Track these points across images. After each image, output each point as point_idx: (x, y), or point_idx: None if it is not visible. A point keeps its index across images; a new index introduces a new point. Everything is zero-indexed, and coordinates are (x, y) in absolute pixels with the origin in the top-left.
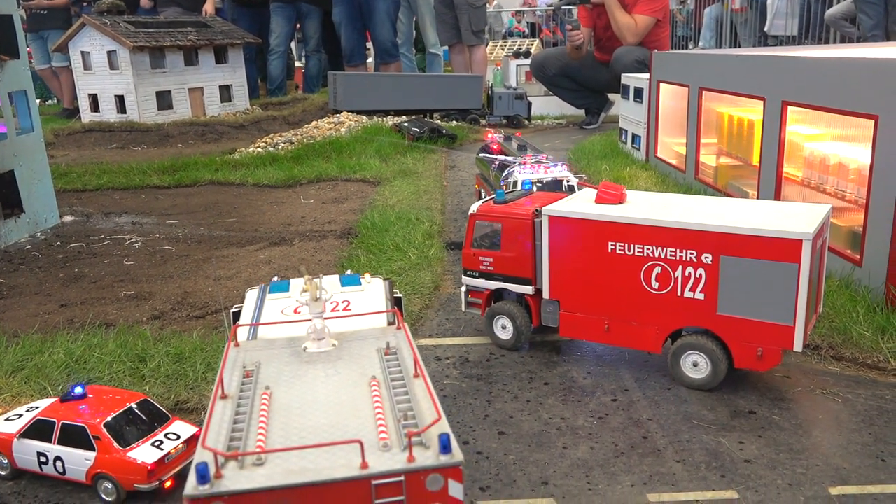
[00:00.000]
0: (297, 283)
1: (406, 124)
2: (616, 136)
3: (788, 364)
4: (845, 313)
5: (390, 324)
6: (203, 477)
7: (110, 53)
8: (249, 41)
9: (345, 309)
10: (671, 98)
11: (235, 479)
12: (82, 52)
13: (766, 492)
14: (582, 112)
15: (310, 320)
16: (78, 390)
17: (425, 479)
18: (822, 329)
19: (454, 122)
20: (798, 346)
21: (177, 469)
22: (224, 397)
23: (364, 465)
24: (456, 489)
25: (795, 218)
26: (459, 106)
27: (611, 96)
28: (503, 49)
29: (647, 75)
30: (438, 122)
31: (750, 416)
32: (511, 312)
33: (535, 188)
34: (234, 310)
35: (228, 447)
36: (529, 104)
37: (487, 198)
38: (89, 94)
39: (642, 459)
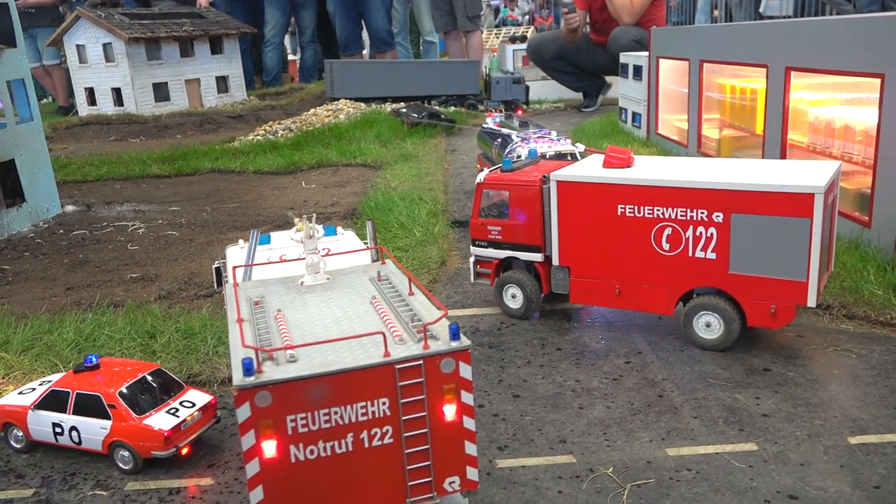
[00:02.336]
0: (277, 236)
1: (404, 110)
2: (616, 116)
3: (801, 324)
4: (856, 273)
5: (374, 260)
6: (248, 370)
7: (106, 46)
8: (245, 31)
9: (327, 254)
10: (671, 74)
11: (276, 372)
12: (77, 46)
13: (785, 443)
14: (580, 95)
15: (298, 262)
16: (92, 361)
17: (440, 362)
18: (833, 289)
19: (452, 108)
20: (812, 301)
21: (193, 436)
22: (241, 321)
23: (387, 354)
24: (466, 370)
25: (806, 173)
26: (457, 91)
27: (608, 78)
28: (497, 37)
29: (645, 53)
30: (437, 107)
31: (765, 373)
32: (521, 281)
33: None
34: (216, 265)
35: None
36: (527, 88)
37: (495, 167)
38: (86, 88)
39: (659, 417)
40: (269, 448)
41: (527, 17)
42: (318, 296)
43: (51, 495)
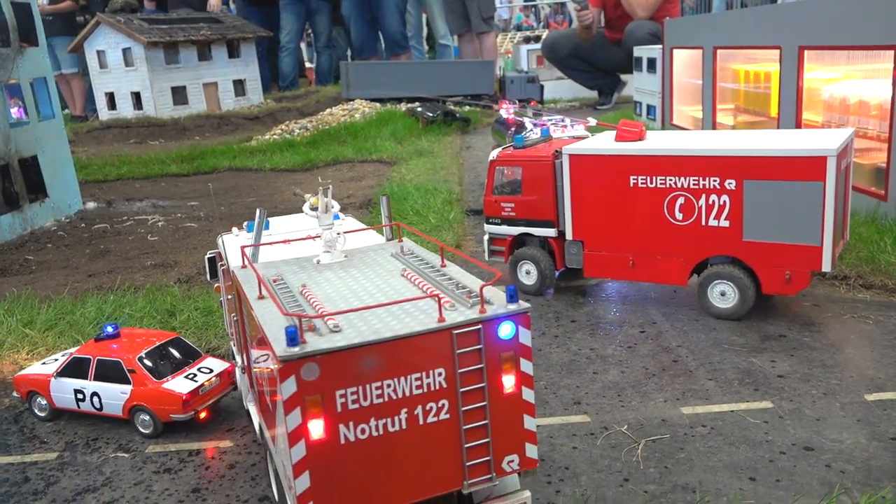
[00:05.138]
0: (276, 221)
1: (420, 109)
2: (631, 112)
3: (817, 294)
4: (872, 244)
5: (389, 239)
6: (293, 339)
7: (125, 51)
8: (261, 35)
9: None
10: (685, 66)
11: (322, 342)
12: (98, 52)
13: (801, 401)
14: (595, 94)
15: (305, 243)
16: (110, 329)
17: (498, 327)
18: (849, 260)
19: (467, 108)
20: (826, 265)
21: (211, 401)
22: (262, 298)
23: (441, 319)
24: (525, 336)
25: (818, 139)
26: (471, 91)
27: (623, 77)
28: (512, 41)
29: (659, 46)
30: (451, 107)
31: (780, 339)
32: (535, 257)
33: None
34: (208, 255)
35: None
36: (542, 87)
37: (507, 144)
38: (106, 93)
39: (674, 379)
40: (317, 428)
41: (541, 23)
42: (339, 272)
43: (74, 458)
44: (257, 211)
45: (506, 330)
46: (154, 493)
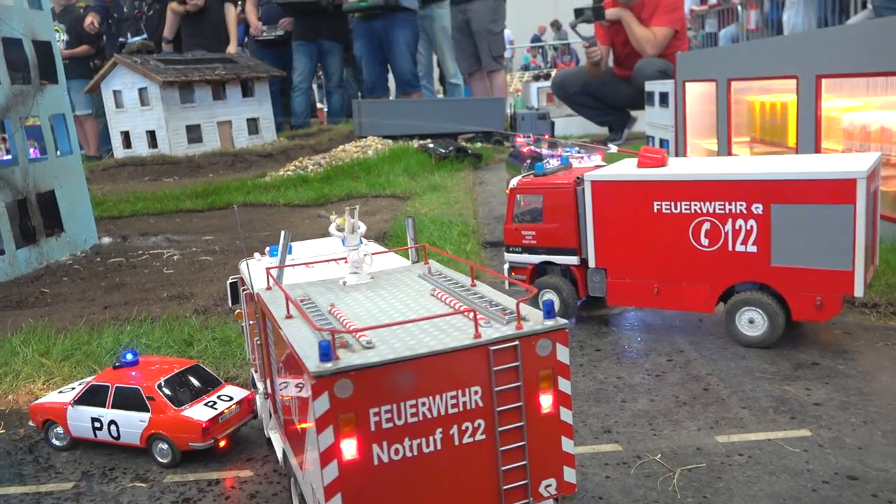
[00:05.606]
0: (298, 246)
1: (432, 145)
2: (644, 146)
3: (848, 322)
4: None
5: (415, 262)
6: (326, 354)
7: (141, 90)
8: (275, 74)
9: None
10: (697, 99)
11: (355, 358)
12: (114, 91)
13: (840, 429)
14: (605, 130)
15: (329, 264)
16: (129, 356)
17: (536, 344)
18: (878, 287)
19: (479, 144)
20: (859, 290)
21: (230, 429)
22: (290, 317)
23: (477, 335)
24: (563, 353)
25: (846, 162)
26: (482, 128)
27: (633, 113)
28: (521, 81)
29: (671, 81)
30: (463, 143)
31: (813, 366)
32: (556, 285)
33: None
34: (230, 281)
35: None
36: (552, 124)
37: (527, 172)
38: (121, 132)
39: (706, 408)
40: (350, 448)
41: (548, 63)
42: (367, 293)
43: (90, 488)
44: (282, 233)
45: (543, 347)
46: None
